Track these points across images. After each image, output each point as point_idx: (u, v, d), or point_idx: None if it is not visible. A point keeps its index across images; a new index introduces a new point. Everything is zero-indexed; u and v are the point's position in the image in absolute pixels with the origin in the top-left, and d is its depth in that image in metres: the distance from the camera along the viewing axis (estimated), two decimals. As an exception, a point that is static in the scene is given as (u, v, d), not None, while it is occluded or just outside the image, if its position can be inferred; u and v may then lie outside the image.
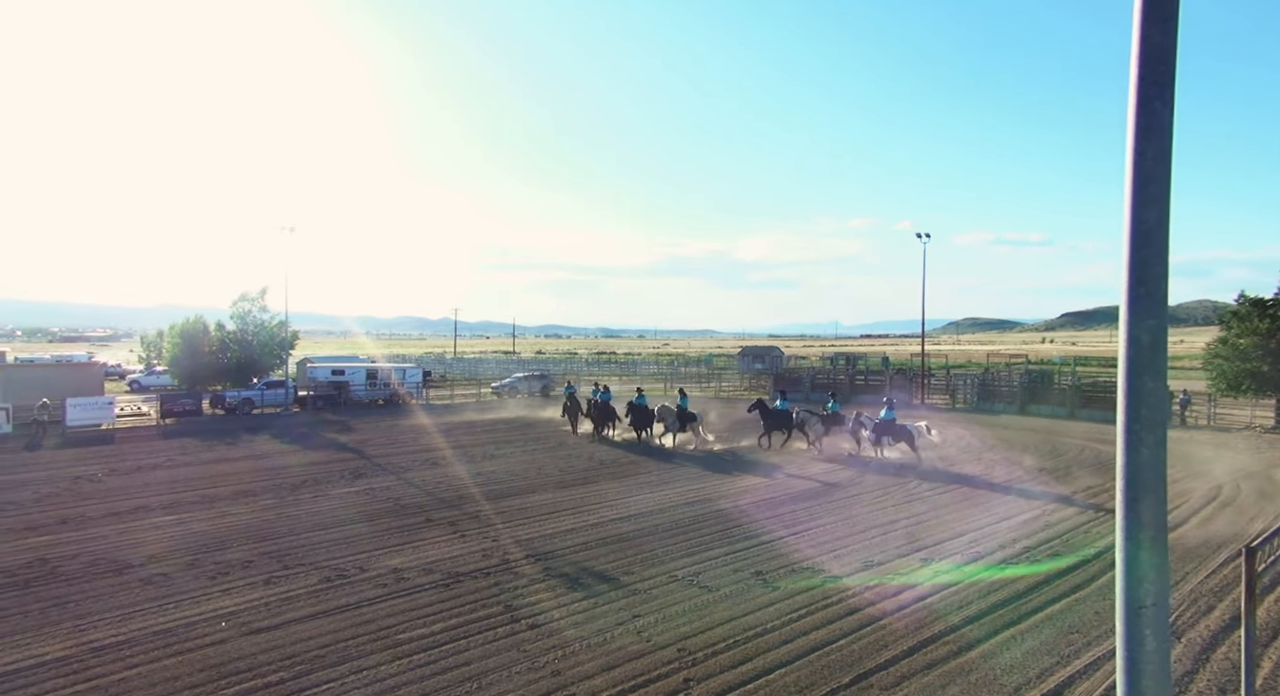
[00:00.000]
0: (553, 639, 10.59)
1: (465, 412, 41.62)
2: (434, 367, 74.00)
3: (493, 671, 9.58)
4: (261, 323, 47.72)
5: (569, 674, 9.54)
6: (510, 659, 9.95)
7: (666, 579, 13.11)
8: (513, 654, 10.10)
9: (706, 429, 29.13)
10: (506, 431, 33.00)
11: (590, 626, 11.04)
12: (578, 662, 9.85)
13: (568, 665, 9.78)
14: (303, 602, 12.00)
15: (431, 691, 9.06)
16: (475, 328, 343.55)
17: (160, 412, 37.71)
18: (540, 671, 9.59)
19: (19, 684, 9.25)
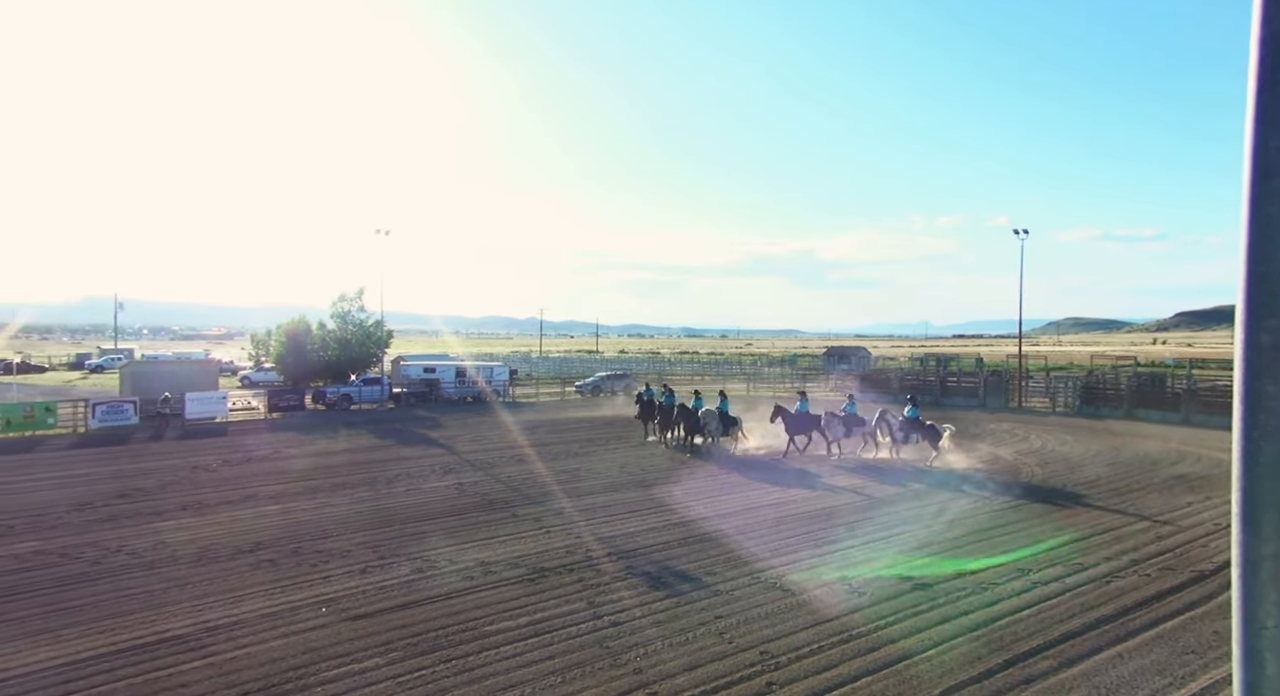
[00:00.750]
0: (635, 636, 10.68)
1: (550, 411, 42.39)
2: (520, 366, 75.67)
3: (576, 666, 9.74)
4: (359, 322, 49.90)
5: (651, 672, 9.59)
6: (593, 655, 10.08)
7: (749, 580, 13.01)
8: (595, 650, 10.23)
9: (747, 433, 27.45)
10: (589, 430, 33.41)
11: (672, 625, 11.07)
12: (660, 661, 9.89)
13: (649, 663, 9.84)
14: (396, 592, 12.50)
15: (517, 683, 9.28)
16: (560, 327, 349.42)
17: (268, 407, 39.96)
18: (623, 668, 9.69)
19: (145, 657, 9.99)
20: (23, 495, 20.23)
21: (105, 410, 34.47)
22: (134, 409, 35.14)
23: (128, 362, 52.68)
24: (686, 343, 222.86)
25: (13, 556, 14.51)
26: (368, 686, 9.19)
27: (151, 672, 9.55)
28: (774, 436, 26.85)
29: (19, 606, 11.84)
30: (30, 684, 9.25)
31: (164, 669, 9.66)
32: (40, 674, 9.50)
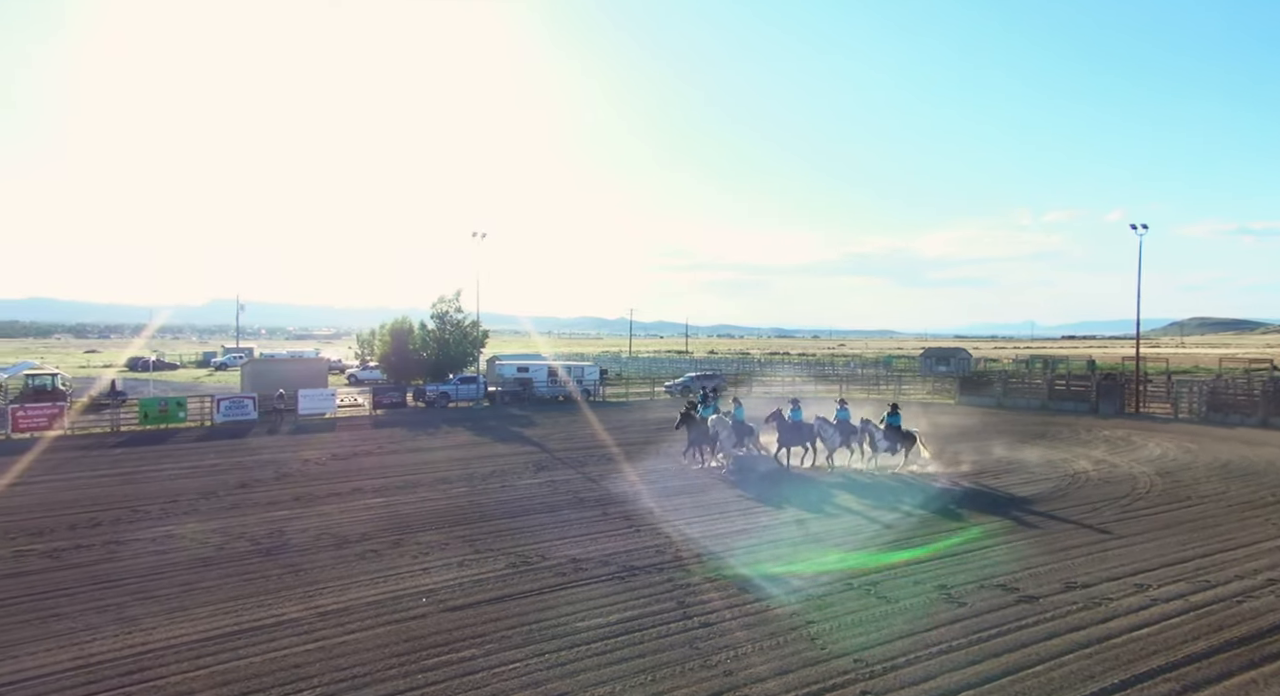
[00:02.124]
0: (725, 638, 10.63)
1: (639, 410, 42.69)
2: (610, 366, 76.53)
3: (666, 666, 9.78)
4: (456, 322, 51.70)
5: (741, 675, 9.53)
6: (683, 655, 10.10)
7: (842, 586, 12.74)
8: (685, 650, 10.24)
9: None
10: (679, 430, 33.47)
11: (762, 628, 10.96)
12: (750, 664, 9.81)
13: (740, 666, 9.77)
14: (492, 585, 12.87)
15: (608, 680, 9.40)
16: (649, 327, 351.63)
17: (372, 404, 41.91)
18: (713, 670, 9.66)
19: (263, 638, 10.67)
20: (158, 483, 21.95)
21: (228, 405, 36.97)
22: (253, 404, 37.53)
23: (248, 361, 56.27)
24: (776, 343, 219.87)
25: (151, 540, 15.76)
26: (465, 676, 9.51)
27: (269, 652, 10.18)
28: None
29: (158, 585, 12.86)
30: (168, 657, 10.03)
31: (280, 649, 10.28)
32: (175, 648, 10.29)
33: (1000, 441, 29.26)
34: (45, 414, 32.97)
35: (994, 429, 32.89)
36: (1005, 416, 38.30)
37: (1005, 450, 27.42)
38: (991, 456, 25.96)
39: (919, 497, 19.67)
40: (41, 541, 15.55)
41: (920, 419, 35.79)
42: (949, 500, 19.50)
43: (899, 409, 24.55)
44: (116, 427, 33.91)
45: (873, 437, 23.49)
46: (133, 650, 10.20)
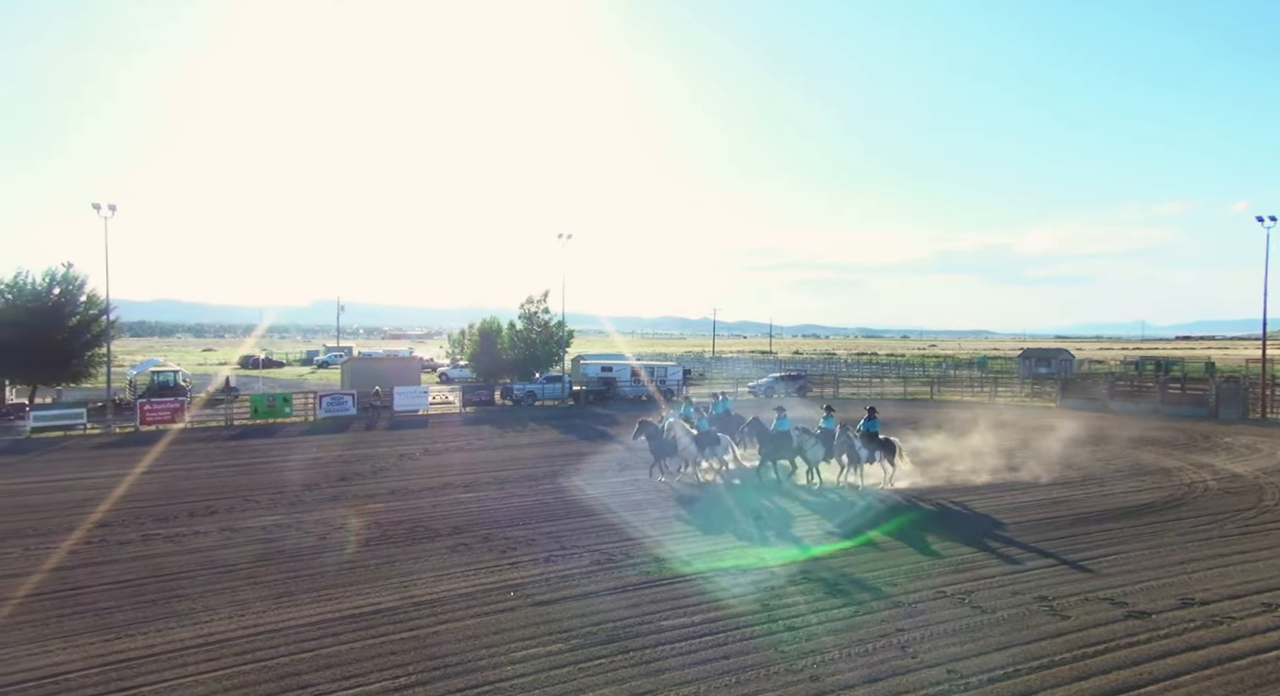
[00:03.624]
0: (811, 643, 10.46)
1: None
2: (693, 366, 76.41)
3: (751, 668, 9.70)
4: (543, 323, 52.75)
5: (828, 681, 9.36)
6: (767, 658, 9.99)
7: (933, 594, 12.33)
8: (770, 653, 10.13)
9: None
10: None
11: (850, 634, 10.73)
12: (837, 670, 9.62)
13: (827, 671, 9.60)
14: (577, 581, 13.07)
15: (692, 680, 9.39)
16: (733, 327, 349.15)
17: (462, 402, 43.22)
18: (799, 675, 9.52)
19: (361, 625, 11.18)
20: (267, 474, 23.28)
21: (329, 401, 38.86)
22: (352, 400, 39.32)
23: (347, 359, 59.04)
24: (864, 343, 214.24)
25: (260, 527, 16.74)
26: (551, 670, 9.69)
27: (366, 639, 10.65)
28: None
29: (266, 571, 13.65)
30: (276, 639, 10.64)
31: (377, 637, 10.73)
32: (283, 632, 10.90)
33: (1107, 447, 27.70)
34: (168, 408, 35.48)
35: (1101, 434, 31.11)
36: (1113, 421, 36.17)
37: (1113, 456, 25.92)
38: (1096, 462, 24.59)
39: (1013, 503, 18.82)
40: (165, 527, 16.74)
41: (1017, 423, 34.25)
42: (1048, 507, 18.57)
43: (876, 413, 21.78)
44: (230, 421, 36.16)
45: (852, 447, 20.88)
46: (245, 631, 10.87)
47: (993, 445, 27.07)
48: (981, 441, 27.33)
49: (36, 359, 37.22)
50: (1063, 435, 29.76)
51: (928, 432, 29.63)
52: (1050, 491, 20.45)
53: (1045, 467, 23.40)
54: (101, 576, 13.30)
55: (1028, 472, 22.79)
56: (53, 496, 20.08)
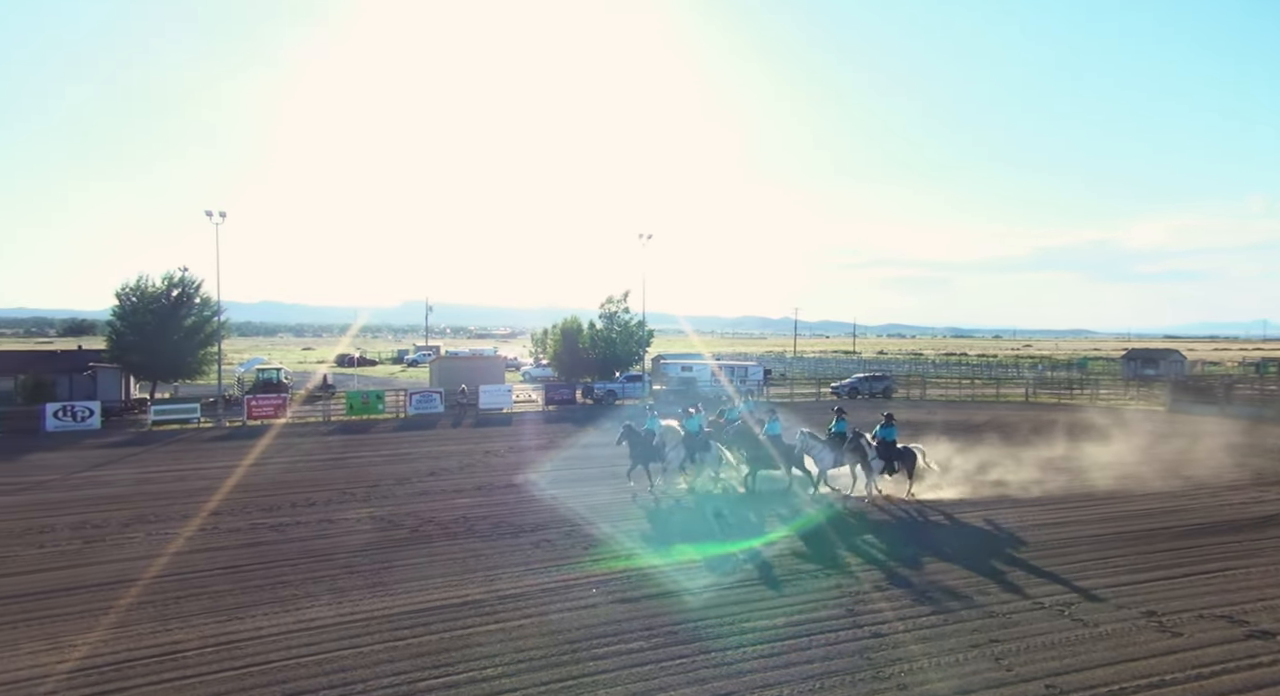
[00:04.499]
0: (898, 651, 10.19)
1: (805, 412, 41.75)
2: (773, 366, 75.53)
3: (836, 673, 9.53)
4: (623, 322, 53.15)
5: (917, 690, 9.10)
6: (853, 664, 9.79)
7: (1030, 605, 11.81)
8: (855, 660, 9.93)
9: None
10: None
11: (939, 643, 10.40)
12: (926, 680, 9.35)
13: (915, 680, 9.33)
14: (659, 579, 13.12)
15: (775, 683, 9.30)
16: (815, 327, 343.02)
17: (544, 400, 44.01)
18: (885, 682, 9.30)
19: (450, 616, 11.54)
20: (361, 468, 24.30)
21: (419, 399, 40.25)
22: (440, 398, 40.62)
23: (435, 358, 61.06)
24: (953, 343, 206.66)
25: (356, 520, 17.50)
26: (633, 667, 9.77)
27: (455, 630, 10.99)
28: None
29: (361, 561, 14.25)
30: (371, 627, 11.10)
31: (464, 628, 11.06)
32: (377, 620, 11.37)
33: (1222, 454, 25.88)
34: (272, 404, 37.49)
35: (1216, 439, 29.07)
36: (1230, 426, 33.74)
37: (1230, 464, 24.20)
38: (1210, 470, 23.01)
39: (1116, 512, 17.81)
40: (270, 517, 17.71)
41: (1121, 427, 32.45)
42: (1157, 517, 17.50)
43: (894, 420, 20.01)
44: (328, 417, 37.92)
45: (865, 456, 19.39)
46: (342, 618, 11.39)
47: (1094, 450, 25.71)
48: (1080, 447, 26.00)
49: (157, 356, 40.00)
50: (1173, 440, 27.99)
51: (1020, 436, 28.40)
52: (1159, 500, 19.27)
53: (1153, 475, 22.05)
54: (214, 561, 14.18)
55: (1133, 480, 21.54)
56: (171, 485, 21.53)
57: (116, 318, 40.84)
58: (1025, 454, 24.98)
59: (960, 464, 23.12)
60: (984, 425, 34.06)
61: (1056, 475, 22.04)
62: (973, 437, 28.80)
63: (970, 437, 28.80)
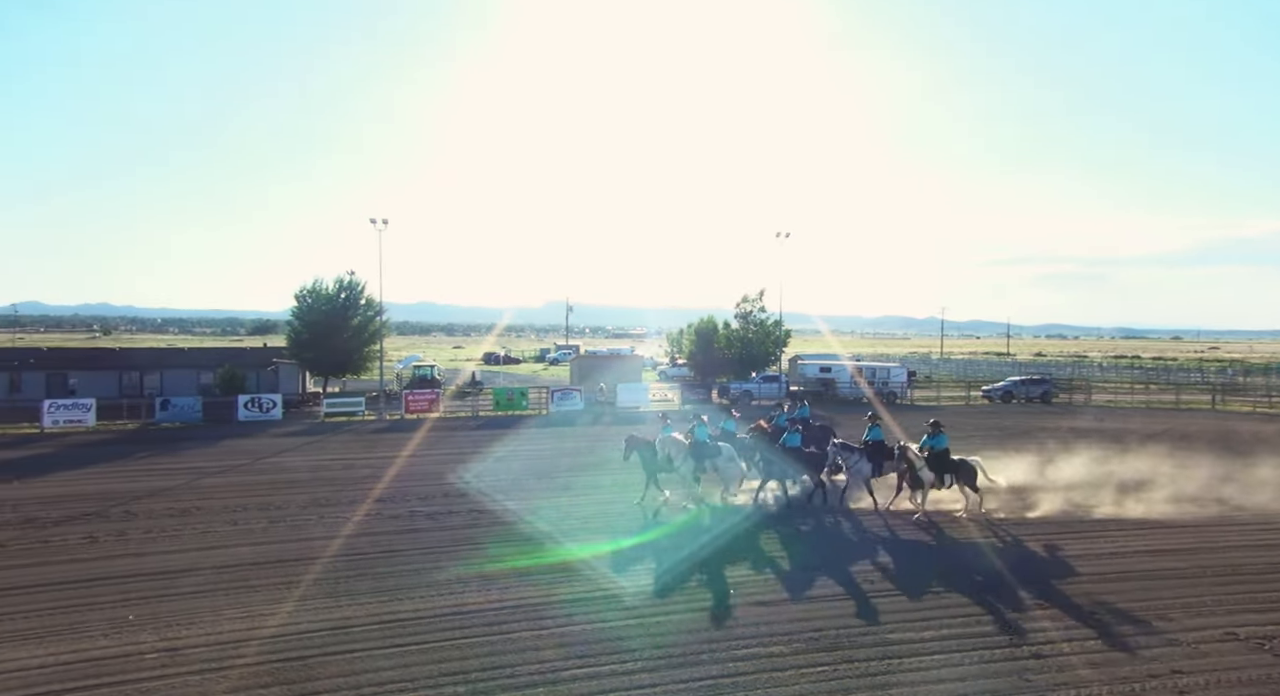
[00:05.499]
0: (1064, 675, 9.45)
1: (952, 416, 39.63)
2: (918, 368, 72.19)
3: (990, 693, 8.98)
4: (759, 322, 52.62)
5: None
6: (1012, 685, 9.19)
7: (1221, 635, 10.61)
8: (1014, 680, 9.30)
9: None
10: (997, 437, 30.46)
11: (1112, 670, 9.55)
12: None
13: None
14: (800, 584, 12.86)
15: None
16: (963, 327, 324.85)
17: (680, 399, 44.26)
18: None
19: (593, 609, 11.81)
20: (508, 462, 25.42)
21: (560, 396, 41.63)
22: (579, 396, 41.82)
23: (575, 357, 62.92)
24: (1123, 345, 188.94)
25: (503, 511, 18.27)
26: (773, 671, 9.63)
27: (598, 622, 11.25)
28: None
29: (506, 551, 14.87)
30: (516, 614, 11.57)
31: (606, 621, 11.31)
32: (524, 608, 11.83)
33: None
34: (426, 399, 40.02)
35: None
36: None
37: None
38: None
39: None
40: (426, 505, 18.87)
41: None
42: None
43: (944, 428, 18.33)
44: (476, 412, 39.99)
45: (912, 467, 17.91)
46: (491, 604, 11.94)
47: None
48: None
49: (328, 354, 43.72)
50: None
51: (1202, 448, 25.58)
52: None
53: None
54: (377, 545, 15.29)
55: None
56: (340, 473, 23.43)
57: (295, 318, 44.98)
58: (1213, 468, 22.46)
59: (1132, 476, 21.13)
60: (1160, 434, 30.98)
61: (1252, 492, 19.69)
62: (1148, 447, 26.25)
63: (1145, 447, 26.26)
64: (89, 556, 14.42)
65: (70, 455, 26.90)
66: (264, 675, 9.52)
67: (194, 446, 28.64)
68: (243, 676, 9.46)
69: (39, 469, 23.84)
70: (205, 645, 10.32)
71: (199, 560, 14.13)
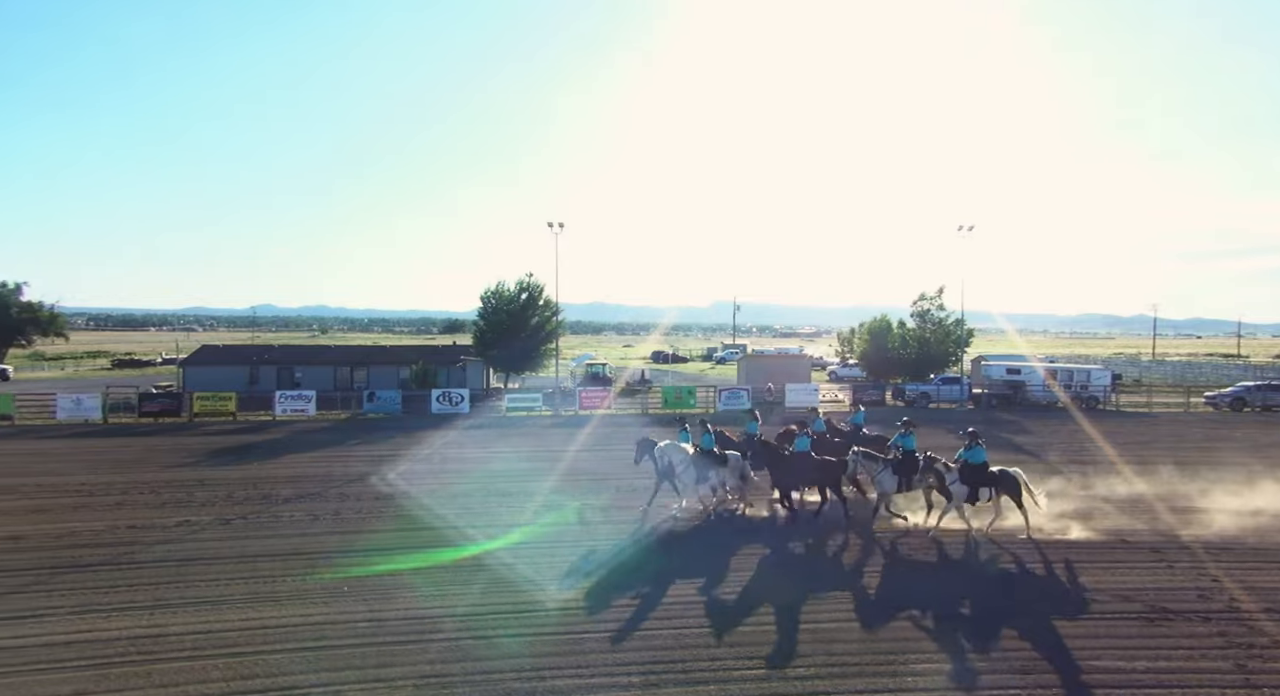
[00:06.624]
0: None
1: (1168, 425, 35.44)
2: (1125, 370, 65.09)
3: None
4: (938, 320, 49.78)
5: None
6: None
7: None
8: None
9: None
10: (1228, 450, 26.88)
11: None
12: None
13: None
14: (978, 600, 12.08)
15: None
16: (1180, 325, 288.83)
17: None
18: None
19: (763, 610, 11.75)
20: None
21: (727, 395, 41.59)
22: (747, 395, 41.54)
23: (742, 356, 62.61)
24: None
25: (676, 507, 18.59)
26: (954, 691, 9.11)
27: (766, 625, 11.18)
28: None
29: (679, 545, 15.15)
30: (690, 610, 11.75)
31: (771, 623, 11.21)
32: (694, 605, 11.99)
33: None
34: (598, 396, 41.46)
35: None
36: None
37: None
38: None
39: None
40: (598, 498, 19.54)
41: None
42: None
43: (981, 439, 16.20)
44: (645, 410, 40.85)
45: (941, 480, 15.97)
46: (667, 599, 12.20)
47: None
48: None
49: (510, 351, 46.50)
50: None
51: None
52: None
53: None
54: (561, 535, 16.06)
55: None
56: (519, 464, 24.81)
57: (480, 318, 48.23)
58: None
59: None
60: None
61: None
62: None
63: None
64: (312, 531, 16.28)
65: (296, 440, 30.46)
66: (456, 651, 10.30)
67: (394, 435, 31.46)
68: (440, 651, 10.29)
69: (272, 452, 27.20)
70: (406, 618, 11.33)
71: (401, 540, 15.52)
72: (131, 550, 14.81)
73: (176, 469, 23.72)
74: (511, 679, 9.41)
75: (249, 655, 10.11)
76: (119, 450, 27.52)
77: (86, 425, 34.50)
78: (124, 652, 10.16)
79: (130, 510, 18.15)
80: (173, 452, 26.84)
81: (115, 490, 20.35)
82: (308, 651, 10.22)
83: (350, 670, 9.66)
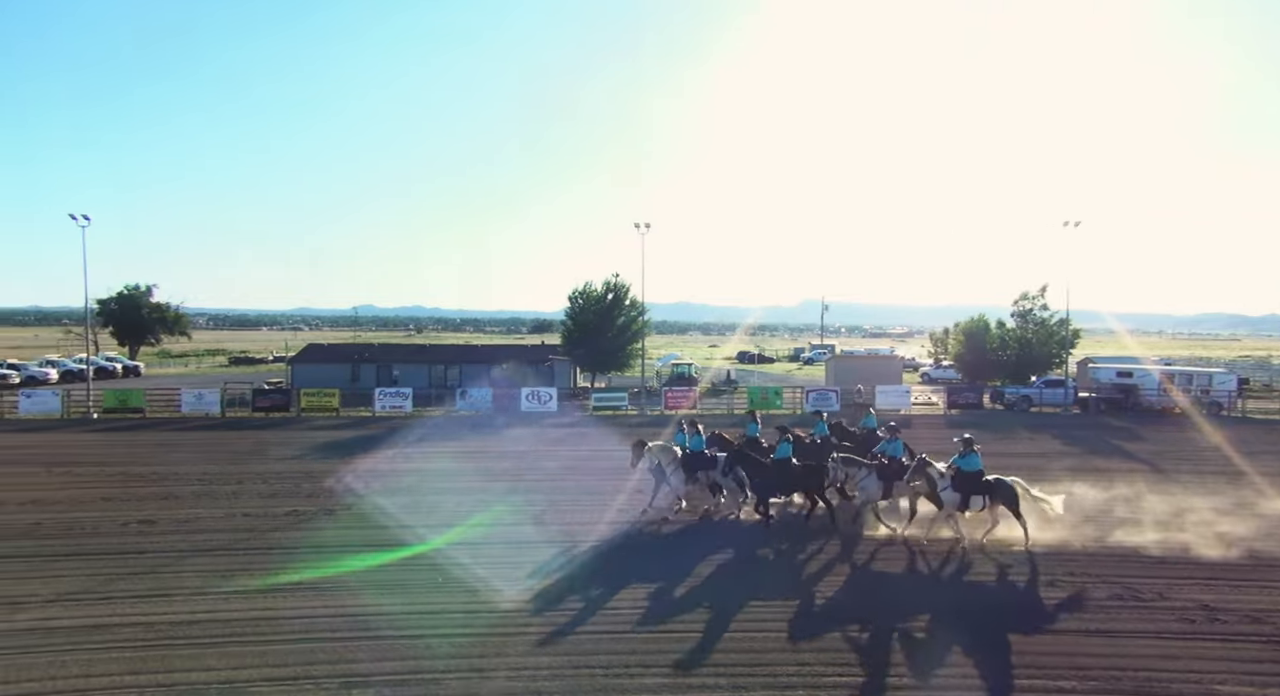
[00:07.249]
0: None
1: None
2: (1253, 374, 60.33)
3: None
4: (1040, 320, 47.51)
5: None
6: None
7: None
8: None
9: None
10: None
11: None
12: None
13: None
14: (1091, 615, 11.50)
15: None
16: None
17: (946, 403, 41.31)
18: None
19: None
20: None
21: (815, 396, 40.87)
22: (835, 396, 40.72)
23: (831, 357, 61.35)
24: None
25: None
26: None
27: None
28: None
29: (746, 540, 15.01)
30: (772, 613, 11.67)
31: (845, 629, 10.98)
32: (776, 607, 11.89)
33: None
34: (683, 395, 41.50)
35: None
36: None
37: None
38: None
39: None
40: (683, 498, 19.58)
41: None
42: None
43: (976, 445, 15.38)
44: (730, 410, 40.61)
45: (933, 486, 15.02)
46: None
47: None
48: None
49: (596, 351, 47.16)
50: None
51: None
52: None
53: None
54: (640, 531, 16.19)
55: None
56: (603, 463, 25.10)
57: (568, 317, 49.10)
58: None
59: None
60: None
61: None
62: None
63: None
64: (410, 524, 16.95)
65: (394, 436, 31.80)
66: (550, 645, 10.54)
67: (486, 434, 32.39)
68: (529, 642, 10.57)
69: (372, 446, 28.48)
70: (500, 611, 11.67)
71: (494, 534, 15.99)
72: (249, 536, 15.83)
73: (286, 461, 25.15)
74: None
75: (351, 640, 10.63)
76: (235, 442, 29.40)
77: (207, 418, 37.00)
78: (239, 633, 10.86)
79: (245, 499, 19.38)
80: (282, 445, 28.46)
81: (232, 480, 21.76)
82: (401, 640, 10.68)
83: (498, 656, 10.03)
